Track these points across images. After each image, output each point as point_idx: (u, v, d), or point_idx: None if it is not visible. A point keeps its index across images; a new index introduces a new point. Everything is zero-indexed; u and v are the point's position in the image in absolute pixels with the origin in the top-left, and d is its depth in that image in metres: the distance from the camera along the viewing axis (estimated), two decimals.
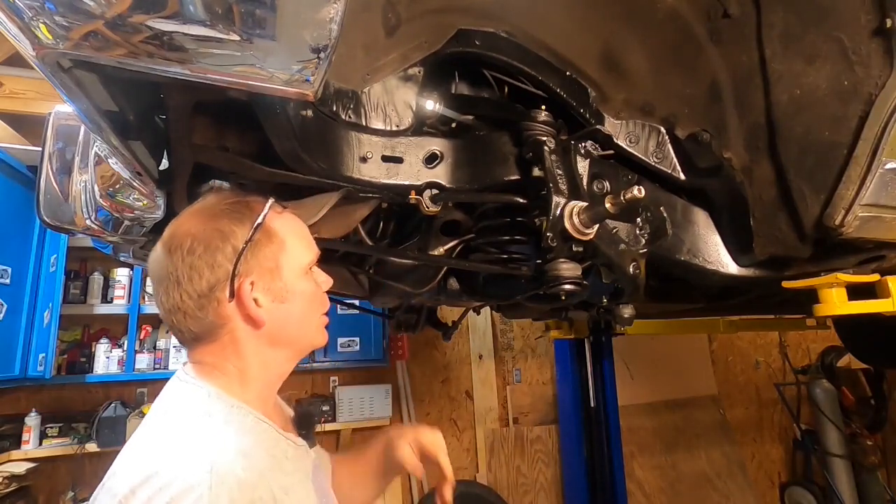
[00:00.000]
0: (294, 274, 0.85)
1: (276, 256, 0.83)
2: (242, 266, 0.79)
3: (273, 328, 0.83)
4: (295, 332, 0.87)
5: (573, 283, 0.95)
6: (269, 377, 0.87)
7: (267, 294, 0.82)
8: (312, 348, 0.92)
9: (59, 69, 0.58)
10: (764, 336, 4.45)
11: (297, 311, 0.86)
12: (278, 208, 0.87)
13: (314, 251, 0.90)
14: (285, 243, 0.84)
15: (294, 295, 0.85)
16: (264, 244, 0.82)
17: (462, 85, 1.10)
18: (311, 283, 0.88)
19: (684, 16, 1.03)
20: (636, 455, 3.73)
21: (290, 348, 0.88)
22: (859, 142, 0.93)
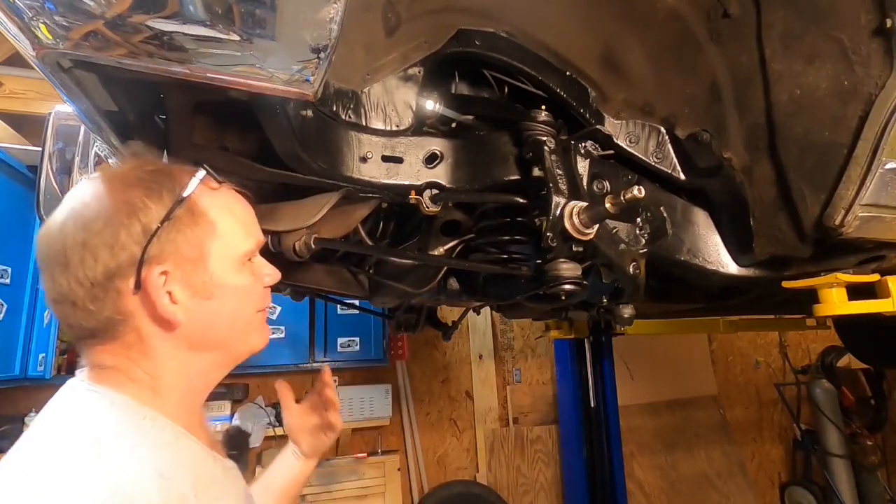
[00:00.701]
0: (225, 264, 0.70)
1: (202, 242, 0.68)
2: (154, 250, 0.64)
3: (193, 329, 0.69)
4: (223, 334, 0.72)
5: (573, 283, 0.95)
6: (190, 385, 0.72)
7: (186, 287, 0.67)
8: (250, 353, 0.77)
9: (59, 69, 0.58)
10: (764, 336, 4.45)
11: (227, 310, 0.71)
12: (212, 183, 0.72)
13: (256, 238, 0.76)
14: (215, 226, 0.69)
15: (223, 290, 0.70)
16: (187, 225, 0.67)
17: (462, 85, 1.10)
18: (248, 277, 0.74)
19: (684, 16, 1.03)
20: (636, 455, 3.73)
21: (218, 353, 0.73)
22: (859, 142, 0.93)
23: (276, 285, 1.43)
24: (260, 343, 0.78)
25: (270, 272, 0.80)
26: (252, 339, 0.77)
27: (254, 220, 0.77)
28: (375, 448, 3.43)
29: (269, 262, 0.79)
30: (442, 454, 3.63)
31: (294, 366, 3.23)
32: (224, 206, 0.72)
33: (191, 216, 0.68)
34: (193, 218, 0.68)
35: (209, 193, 0.71)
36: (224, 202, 0.73)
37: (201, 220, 0.68)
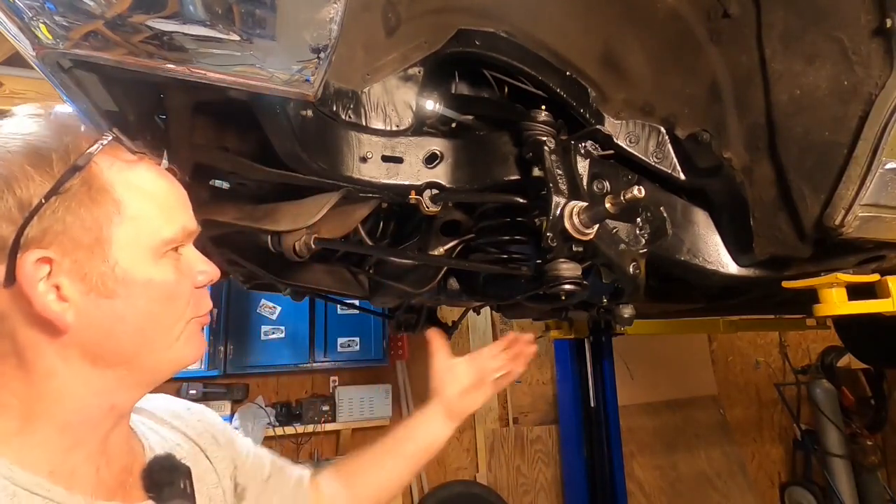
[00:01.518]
0: (135, 254, 0.55)
1: (102, 224, 0.53)
2: (34, 232, 0.50)
3: (87, 336, 0.54)
4: (129, 344, 0.57)
5: (573, 283, 0.95)
6: (81, 410, 0.55)
7: (78, 281, 0.53)
8: (174, 368, 0.62)
9: (59, 69, 0.58)
10: (764, 336, 4.45)
11: (136, 313, 0.56)
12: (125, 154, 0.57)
13: (181, 224, 0.60)
14: (122, 206, 0.55)
15: (131, 287, 0.55)
16: (82, 203, 0.53)
17: (462, 85, 1.10)
18: (168, 272, 0.58)
19: (684, 16, 1.03)
20: (636, 455, 3.73)
21: (124, 369, 0.57)
22: (859, 142, 0.93)
23: (276, 285, 1.44)
24: (187, 357, 0.62)
25: (206, 269, 0.63)
26: (173, 352, 0.60)
27: (181, 204, 0.62)
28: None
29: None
30: (442, 454, 3.63)
31: (294, 366, 3.23)
32: (138, 183, 0.57)
33: (88, 192, 0.53)
34: (91, 194, 0.53)
35: (119, 167, 0.56)
36: (139, 178, 0.58)
37: (102, 198, 0.54)
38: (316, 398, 3.31)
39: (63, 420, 0.55)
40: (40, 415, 0.54)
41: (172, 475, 0.64)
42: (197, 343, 0.63)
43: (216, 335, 3.08)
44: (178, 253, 0.61)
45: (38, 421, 0.54)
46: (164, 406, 0.77)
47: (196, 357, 0.64)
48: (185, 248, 0.62)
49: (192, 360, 0.63)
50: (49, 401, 0.54)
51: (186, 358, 0.63)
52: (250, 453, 0.85)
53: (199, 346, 0.64)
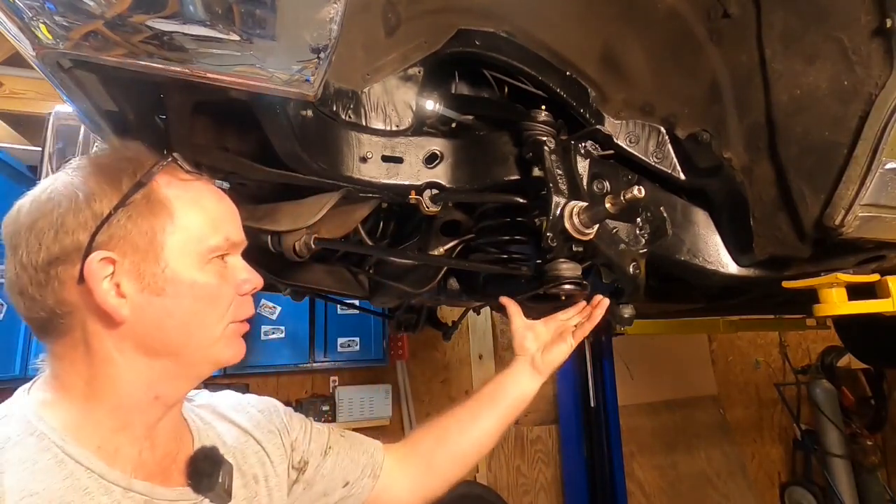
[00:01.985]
0: (183, 258, 0.64)
1: (156, 231, 0.62)
2: (102, 238, 0.60)
3: (140, 328, 0.62)
4: (176, 338, 0.65)
5: (573, 283, 0.95)
6: (132, 395, 0.64)
7: (134, 279, 0.61)
8: (214, 366, 0.70)
9: (59, 69, 0.58)
10: (764, 336, 4.45)
11: (181, 310, 0.64)
12: (181, 174, 0.67)
13: (226, 235, 0.68)
14: (174, 216, 0.64)
15: (178, 286, 0.63)
16: (142, 213, 0.62)
17: (462, 85, 1.10)
18: (212, 277, 0.66)
19: (684, 16, 1.03)
20: (636, 455, 3.73)
21: (171, 361, 0.65)
22: (859, 142, 0.93)
23: (276, 285, 1.44)
24: (226, 357, 0.69)
25: (249, 278, 0.70)
26: (215, 350, 0.68)
27: (229, 217, 0.70)
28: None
29: (254, 268, 0.73)
30: None
31: (294, 366, 3.23)
32: (191, 197, 0.66)
33: (147, 204, 0.62)
34: (150, 206, 0.62)
35: (176, 184, 0.66)
36: (192, 194, 0.67)
37: (159, 209, 0.63)
38: (316, 398, 3.31)
39: (115, 402, 0.63)
40: (98, 396, 0.63)
41: (214, 467, 0.71)
42: (237, 346, 0.70)
43: None
44: (224, 261, 0.68)
45: (95, 401, 0.63)
46: (227, 401, 0.85)
47: (235, 358, 0.70)
48: (231, 257, 0.70)
49: (231, 360, 0.70)
50: (105, 384, 0.63)
51: (226, 357, 0.70)
52: (310, 430, 0.91)
53: (239, 349, 0.71)
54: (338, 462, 0.91)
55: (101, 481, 0.60)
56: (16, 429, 0.59)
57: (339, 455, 0.91)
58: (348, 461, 0.92)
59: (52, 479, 0.57)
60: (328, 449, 0.91)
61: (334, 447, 0.92)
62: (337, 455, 0.91)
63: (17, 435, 0.59)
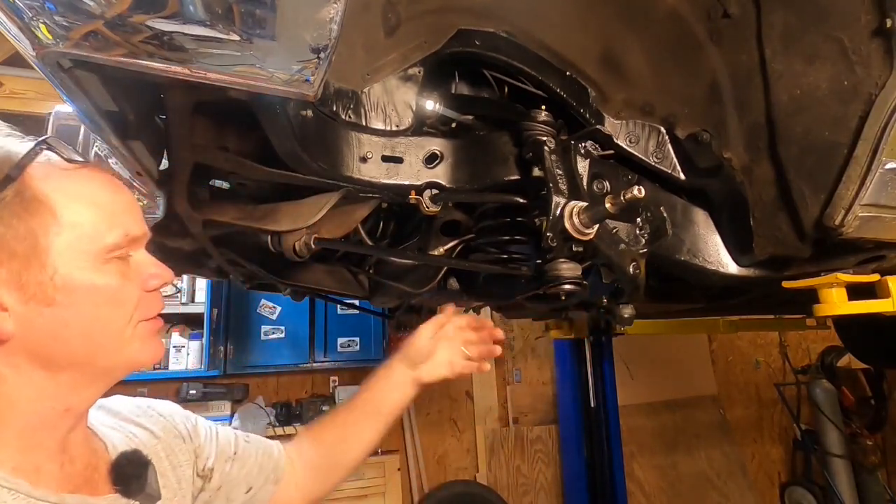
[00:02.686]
0: (75, 261, 0.56)
1: (38, 233, 0.54)
2: None
3: (32, 342, 0.55)
4: (78, 348, 0.58)
5: (573, 283, 0.95)
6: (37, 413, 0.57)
7: (17, 290, 0.54)
8: (129, 368, 0.64)
9: (59, 69, 0.58)
10: (764, 336, 4.45)
11: (80, 319, 0.57)
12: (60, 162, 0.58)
13: (124, 229, 0.60)
14: (58, 214, 0.55)
15: (72, 294, 0.56)
16: (17, 214, 0.54)
17: (462, 85, 1.10)
18: (112, 277, 0.59)
19: (684, 16, 1.03)
20: (636, 455, 3.73)
21: (80, 371, 0.59)
22: (859, 142, 0.93)
23: (276, 285, 1.44)
24: (143, 356, 0.63)
25: (158, 272, 0.64)
26: (128, 353, 0.61)
27: (125, 209, 0.62)
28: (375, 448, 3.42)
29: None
30: (442, 454, 3.63)
31: (294, 366, 3.23)
32: (76, 189, 0.58)
33: (21, 202, 0.54)
34: (24, 204, 0.54)
35: (55, 175, 0.57)
36: (77, 185, 0.58)
37: (37, 208, 0.54)
38: (316, 398, 3.31)
39: (20, 423, 0.57)
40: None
41: (139, 469, 0.67)
42: (152, 346, 0.64)
43: (216, 335, 3.08)
44: (125, 258, 0.61)
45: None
46: (126, 404, 0.79)
47: (151, 359, 0.64)
48: (135, 252, 0.63)
49: (147, 361, 0.64)
50: (2, 405, 0.56)
51: (140, 359, 0.63)
52: (215, 436, 0.87)
53: (155, 349, 0.65)
54: (243, 468, 0.88)
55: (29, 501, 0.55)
56: None
57: (244, 461, 0.88)
58: (253, 466, 0.89)
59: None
60: (233, 455, 0.87)
61: (239, 453, 0.88)
62: (242, 461, 0.88)
63: None
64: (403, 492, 3.39)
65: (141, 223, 0.64)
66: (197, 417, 0.88)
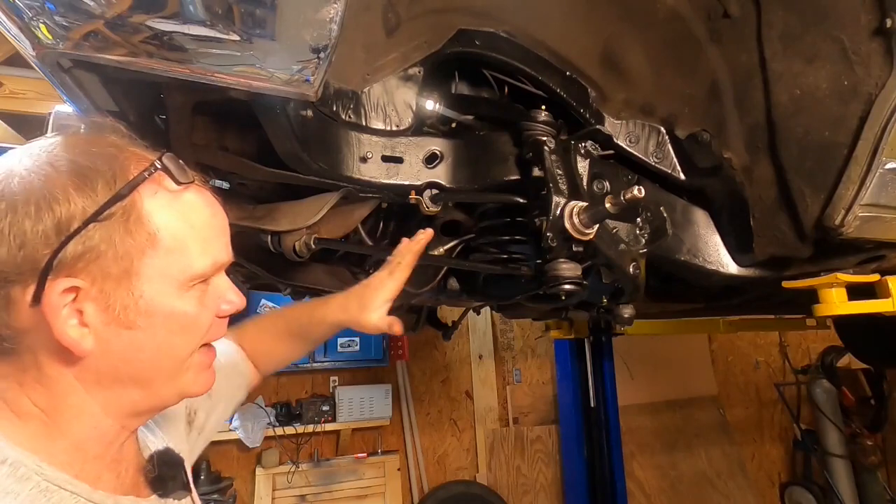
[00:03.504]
0: (162, 287, 0.55)
1: (133, 256, 0.52)
2: (68, 256, 0.49)
3: (104, 362, 0.54)
4: (144, 371, 0.57)
5: (573, 283, 0.95)
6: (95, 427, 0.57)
7: (102, 311, 0.52)
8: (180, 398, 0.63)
9: (59, 69, 0.58)
10: (764, 336, 4.45)
11: (153, 344, 0.55)
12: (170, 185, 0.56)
13: (214, 257, 0.59)
14: (157, 238, 0.54)
15: (153, 318, 0.54)
16: (119, 232, 0.52)
17: (462, 85, 1.10)
18: (192, 305, 0.57)
19: (684, 16, 1.03)
20: (636, 455, 3.73)
21: (136, 391, 0.58)
22: (859, 142, 0.93)
23: (276, 285, 1.44)
24: (195, 389, 0.62)
25: (232, 300, 0.63)
26: (182, 383, 0.60)
27: (219, 235, 0.61)
28: (375, 448, 3.43)
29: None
30: (442, 454, 3.63)
31: (294, 366, 3.22)
32: (178, 213, 0.56)
33: (125, 220, 0.52)
34: (128, 223, 0.52)
35: (162, 195, 0.55)
36: (180, 208, 0.56)
37: (138, 229, 0.53)
38: (316, 398, 3.31)
39: (84, 435, 0.56)
40: (61, 428, 0.55)
41: (174, 470, 0.66)
42: (205, 378, 0.64)
43: None
44: (206, 284, 0.60)
45: (59, 433, 0.55)
46: None
47: (203, 391, 0.64)
48: (216, 277, 0.62)
49: (198, 393, 0.64)
50: (67, 417, 0.55)
51: (192, 391, 0.63)
52: None
53: (207, 380, 0.64)
54: (220, 395, 0.89)
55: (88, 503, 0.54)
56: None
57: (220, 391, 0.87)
58: (226, 388, 0.91)
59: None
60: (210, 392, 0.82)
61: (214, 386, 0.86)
62: (219, 392, 0.87)
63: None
64: (403, 492, 3.39)
65: (228, 249, 0.63)
66: None
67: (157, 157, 0.55)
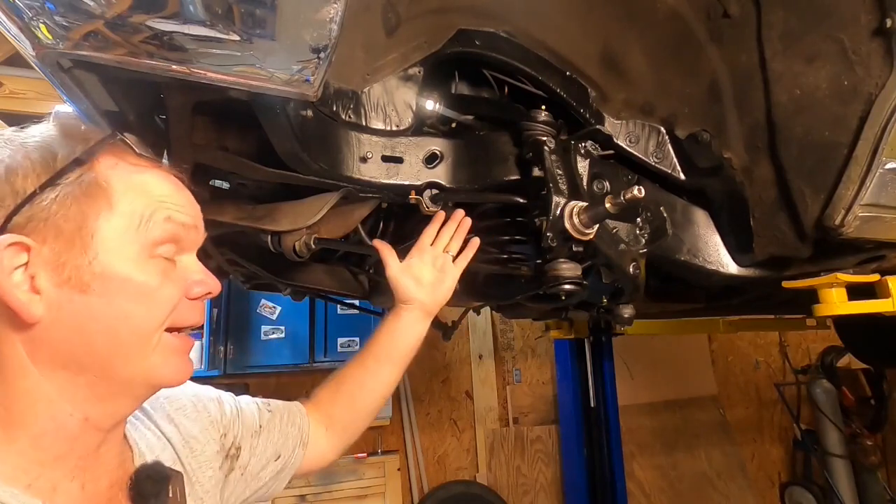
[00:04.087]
0: (119, 249, 0.53)
1: (88, 215, 0.52)
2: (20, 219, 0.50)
3: (57, 332, 0.51)
4: (101, 345, 0.53)
5: (573, 283, 0.95)
6: (59, 420, 0.53)
7: (54, 271, 0.51)
8: (152, 386, 0.59)
9: (59, 69, 0.58)
10: (764, 336, 4.45)
11: (110, 311, 0.52)
12: (131, 156, 0.57)
13: (175, 225, 0.57)
14: (113, 200, 0.53)
15: (108, 282, 0.52)
16: (75, 196, 0.52)
17: (462, 85, 1.10)
18: (153, 275, 0.55)
19: (684, 16, 1.03)
20: (636, 455, 3.73)
21: (99, 375, 0.54)
22: (859, 142, 0.93)
23: (276, 285, 1.44)
24: (165, 376, 0.58)
25: (203, 280, 0.60)
26: (148, 365, 0.55)
27: (183, 207, 0.59)
28: (375, 448, 3.43)
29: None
30: (442, 454, 3.63)
31: (294, 366, 3.23)
32: (138, 182, 0.56)
33: (81, 185, 0.52)
34: (85, 188, 0.52)
35: (122, 167, 0.56)
36: (141, 178, 0.56)
37: (95, 192, 0.52)
38: None
39: (37, 427, 0.52)
40: (14, 420, 0.52)
41: (158, 485, 0.61)
42: (175, 363, 0.59)
43: (216, 335, 3.08)
44: (172, 260, 0.58)
45: (12, 428, 0.52)
46: (175, 396, 0.76)
47: (174, 378, 0.59)
48: (185, 256, 0.60)
49: (169, 379, 0.59)
50: (22, 403, 0.52)
51: (161, 375, 0.58)
52: (239, 413, 0.85)
53: (178, 367, 0.59)
54: (269, 439, 0.87)
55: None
56: None
57: (269, 433, 0.87)
58: (278, 436, 0.89)
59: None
60: (258, 429, 0.86)
61: (264, 426, 0.87)
62: (268, 433, 0.87)
63: None
64: (403, 492, 3.39)
65: (196, 225, 0.61)
66: (220, 395, 0.85)
67: (116, 132, 0.57)
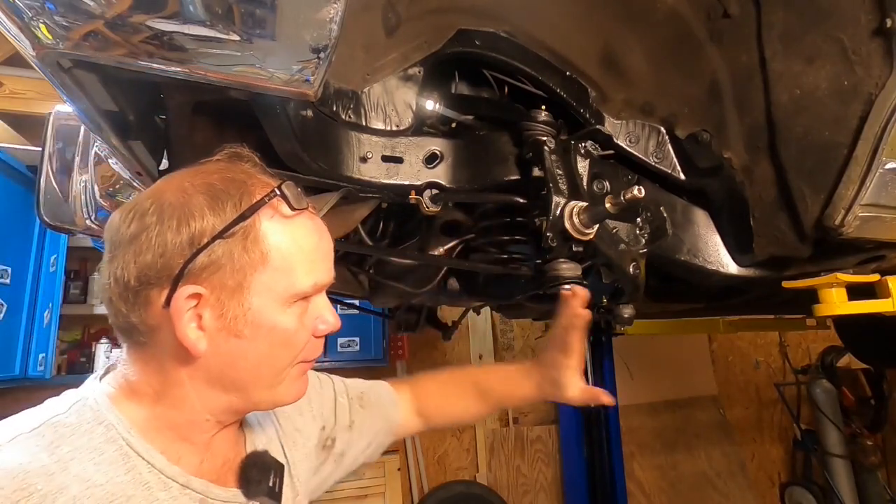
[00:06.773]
0: (268, 301, 0.62)
1: (247, 271, 0.60)
2: (196, 266, 0.58)
3: (213, 364, 0.62)
4: (245, 377, 0.64)
5: (573, 283, 0.95)
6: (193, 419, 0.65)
7: (217, 317, 0.60)
8: (274, 405, 0.72)
9: (59, 69, 0.58)
10: (764, 336, 4.45)
11: (254, 353, 0.63)
12: (285, 210, 0.63)
13: (315, 278, 0.65)
14: (268, 257, 0.61)
15: (257, 329, 0.62)
16: (239, 248, 0.60)
17: (462, 85, 1.10)
18: (292, 321, 0.64)
19: (684, 16, 1.03)
20: (636, 455, 3.73)
21: (236, 396, 0.66)
22: (859, 142, 0.93)
23: None
24: (288, 398, 0.69)
25: (329, 321, 0.69)
26: (279, 392, 0.67)
27: (324, 257, 0.68)
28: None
29: None
30: (442, 454, 3.63)
31: None
32: (290, 237, 0.63)
33: (245, 239, 0.60)
34: (247, 242, 0.60)
35: (277, 220, 0.63)
36: (292, 232, 0.64)
37: (254, 247, 0.60)
38: None
39: (179, 419, 0.64)
40: (164, 408, 0.64)
41: (262, 473, 0.72)
42: (299, 386, 0.70)
43: None
44: (307, 302, 0.66)
45: (161, 411, 0.64)
46: None
47: (296, 399, 0.71)
48: (315, 297, 0.68)
49: (292, 399, 0.70)
50: (173, 402, 0.64)
51: (286, 400, 0.70)
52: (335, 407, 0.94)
53: (301, 388, 0.71)
54: (362, 433, 0.96)
55: (160, 476, 0.61)
56: (87, 416, 0.61)
57: (362, 426, 0.96)
58: (369, 428, 0.97)
59: (115, 471, 0.59)
60: (351, 423, 0.95)
61: (356, 421, 0.96)
62: (361, 427, 0.96)
63: (88, 423, 0.60)
64: (403, 492, 3.39)
65: (331, 272, 0.69)
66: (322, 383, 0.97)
67: (277, 185, 0.63)
